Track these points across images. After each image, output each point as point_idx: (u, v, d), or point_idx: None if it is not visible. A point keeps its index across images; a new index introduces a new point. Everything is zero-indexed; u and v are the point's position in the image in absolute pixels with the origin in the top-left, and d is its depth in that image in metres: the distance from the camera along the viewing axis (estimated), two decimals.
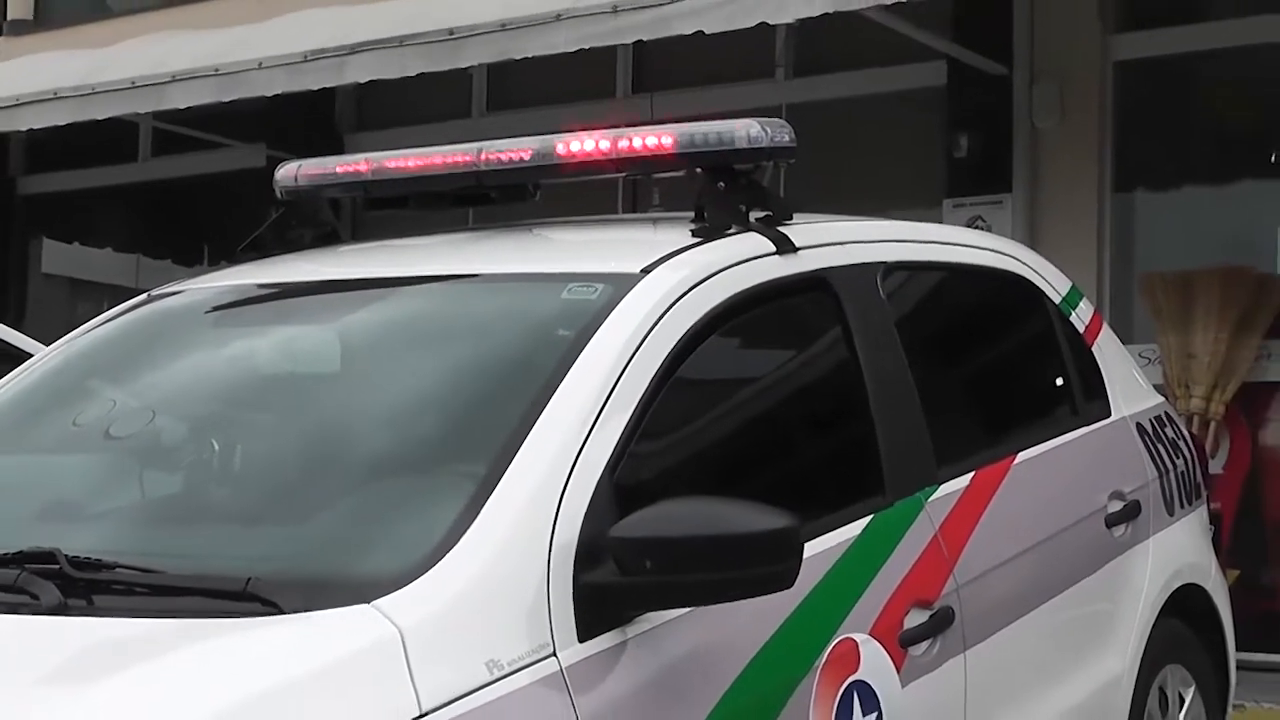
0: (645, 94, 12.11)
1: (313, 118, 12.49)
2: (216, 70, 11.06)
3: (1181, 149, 11.08)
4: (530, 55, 10.19)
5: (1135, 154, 10.85)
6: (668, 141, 4.64)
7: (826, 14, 9.38)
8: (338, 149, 11.98)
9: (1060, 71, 10.79)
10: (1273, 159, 10.62)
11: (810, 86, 11.58)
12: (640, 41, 10.44)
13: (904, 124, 11.31)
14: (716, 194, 4.64)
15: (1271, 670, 9.24)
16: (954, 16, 10.58)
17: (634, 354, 3.96)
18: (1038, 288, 5.88)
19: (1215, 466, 10.02)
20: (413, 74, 10.51)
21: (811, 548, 4.01)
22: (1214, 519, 9.73)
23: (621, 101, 12.09)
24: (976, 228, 10.14)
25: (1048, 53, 10.84)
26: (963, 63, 10.80)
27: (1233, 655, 6.44)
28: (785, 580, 3.64)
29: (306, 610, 3.30)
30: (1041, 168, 10.81)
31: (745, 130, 4.55)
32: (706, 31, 9.59)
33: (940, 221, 10.36)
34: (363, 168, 5.10)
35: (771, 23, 9.64)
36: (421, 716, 3.15)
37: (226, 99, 11.10)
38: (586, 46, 10.04)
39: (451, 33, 10.30)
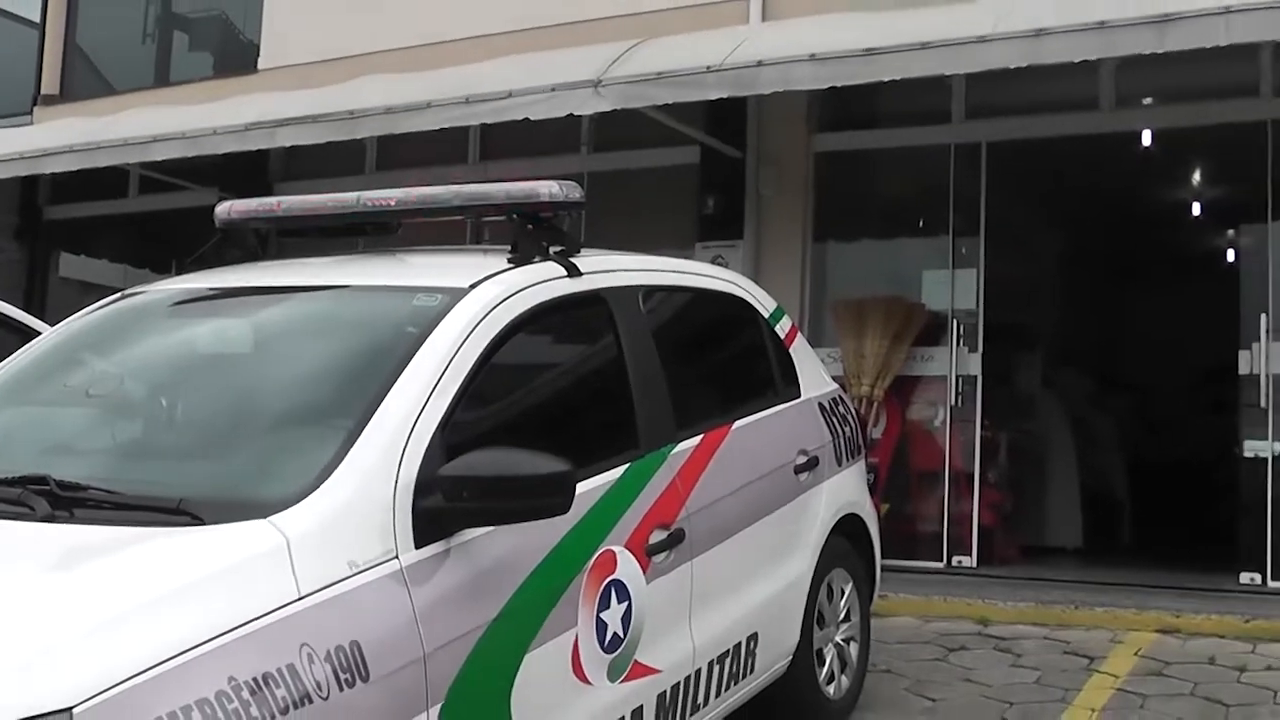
0: (487, 161, 12.02)
1: (252, 170, 12.27)
2: (184, 134, 10.91)
3: (859, 214, 11.13)
4: (407, 131, 10.13)
5: (828, 217, 10.88)
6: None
7: (616, 109, 9.41)
8: (270, 193, 11.83)
9: (778, 157, 10.84)
10: (920, 224, 10.73)
11: (605, 160, 11.53)
12: (485, 124, 10.42)
13: (670, 188, 11.28)
14: (526, 233, 4.59)
15: (908, 572, 9.36)
16: (706, 115, 10.56)
17: (461, 345, 3.93)
18: (753, 306, 5.88)
19: (876, 433, 10.14)
20: (323, 141, 10.44)
21: (586, 485, 4.06)
22: (873, 469, 9.83)
23: (470, 166, 11.97)
24: (717, 263, 10.15)
25: (770, 144, 10.88)
26: (711, 148, 10.82)
27: (879, 562, 6.47)
28: (562, 508, 3.66)
29: (221, 523, 3.30)
30: (764, 223, 10.84)
31: (548, 188, 4.50)
32: (532, 118, 9.56)
33: (692, 258, 10.39)
34: (275, 207, 5.02)
35: (577, 114, 9.64)
36: (300, 599, 3.17)
37: (191, 155, 10.93)
38: (446, 126, 9.98)
39: (352, 113, 10.22)
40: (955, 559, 9.95)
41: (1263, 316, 9.23)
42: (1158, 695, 6.49)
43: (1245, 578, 9.09)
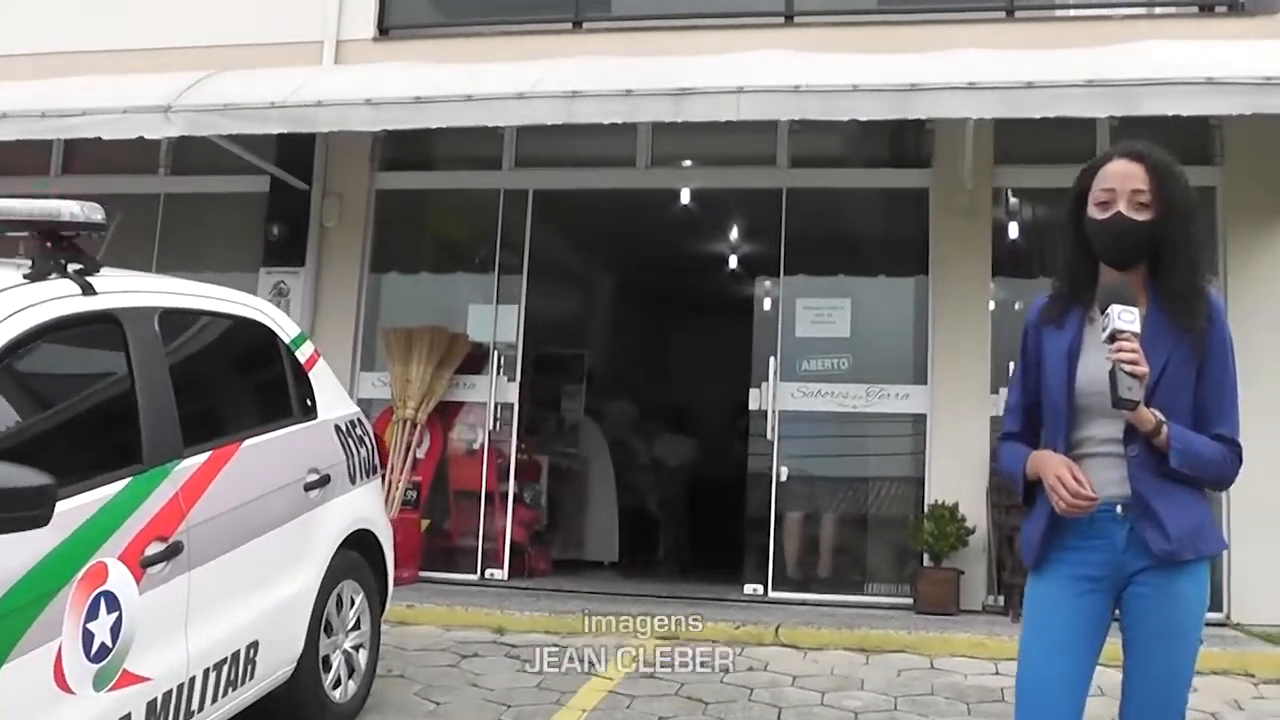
0: (68, 174, 11.41)
1: None
2: None
3: (415, 249, 11.22)
4: None
5: (385, 249, 10.91)
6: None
7: (186, 135, 9.19)
8: None
9: (342, 192, 10.81)
10: (472, 261, 10.85)
11: (181, 183, 11.21)
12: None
13: (240, 215, 11.01)
14: (44, 250, 4.38)
15: (445, 584, 9.44)
16: (277, 148, 10.41)
17: None
18: (273, 331, 5.73)
19: (420, 454, 10.17)
20: None
21: (82, 498, 3.93)
22: (415, 488, 9.88)
23: (52, 178, 11.34)
24: (279, 288, 10.01)
25: (335, 179, 10.84)
26: (280, 179, 10.65)
27: (391, 573, 6.38)
28: (42, 521, 3.53)
29: None
30: (326, 252, 10.76)
31: (68, 208, 4.33)
32: (104, 137, 9.22)
33: (256, 283, 10.23)
34: None
35: (147, 137, 9.33)
36: None
37: None
38: (21, 138, 9.44)
39: None
40: (488, 572, 10.06)
41: (772, 359, 9.81)
42: (645, 696, 6.73)
43: (749, 588, 9.62)
